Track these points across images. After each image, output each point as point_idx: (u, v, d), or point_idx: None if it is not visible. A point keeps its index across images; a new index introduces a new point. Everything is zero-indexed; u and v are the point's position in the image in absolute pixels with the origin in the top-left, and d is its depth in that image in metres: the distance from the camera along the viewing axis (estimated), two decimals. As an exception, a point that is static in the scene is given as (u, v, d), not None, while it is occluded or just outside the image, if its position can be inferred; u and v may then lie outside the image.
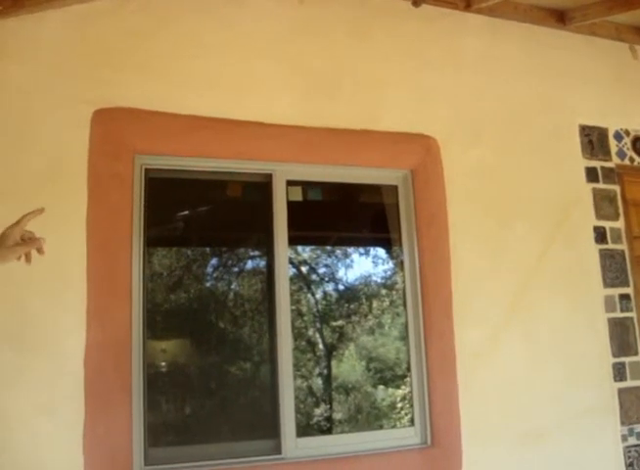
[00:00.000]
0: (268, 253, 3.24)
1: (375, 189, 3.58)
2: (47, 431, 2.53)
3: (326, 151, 3.21)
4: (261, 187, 3.21)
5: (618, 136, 3.97)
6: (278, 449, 2.95)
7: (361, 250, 5.43)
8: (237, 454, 2.88)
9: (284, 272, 3.13)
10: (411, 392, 3.28)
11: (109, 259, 2.76)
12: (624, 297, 3.72)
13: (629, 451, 3.52)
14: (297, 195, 3.38)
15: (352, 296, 5.66)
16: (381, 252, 5.29)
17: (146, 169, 2.99)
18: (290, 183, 3.23)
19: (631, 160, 3.98)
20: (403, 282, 3.40)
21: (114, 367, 2.68)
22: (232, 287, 4.72)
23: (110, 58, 2.92)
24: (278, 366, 3.05)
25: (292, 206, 3.20)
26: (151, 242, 3.10)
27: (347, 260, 5.58)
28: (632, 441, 3.54)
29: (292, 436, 2.97)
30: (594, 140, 3.88)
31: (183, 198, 3.54)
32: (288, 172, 3.21)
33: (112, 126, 2.84)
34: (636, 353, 3.68)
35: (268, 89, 3.16)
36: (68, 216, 2.70)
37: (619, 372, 3.60)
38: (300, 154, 3.18)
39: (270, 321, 3.25)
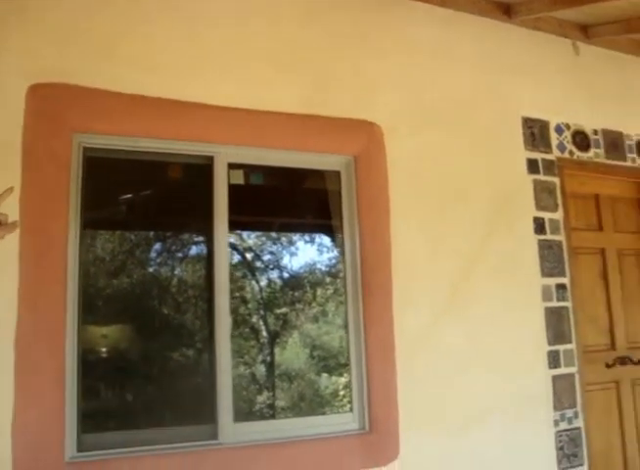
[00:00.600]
0: (209, 237, 3.19)
1: (318, 175, 3.56)
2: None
3: (269, 135, 3.18)
4: (203, 169, 3.15)
5: (559, 129, 4.04)
6: (215, 435, 2.92)
7: (306, 237, 5.41)
8: (174, 439, 2.84)
9: (224, 257, 3.10)
10: (350, 379, 3.29)
11: (43, 241, 2.67)
12: (561, 286, 3.81)
13: (560, 435, 3.62)
14: (238, 178, 3.34)
15: (297, 283, 5.65)
16: (325, 239, 5.28)
17: (84, 148, 2.90)
18: (232, 166, 3.18)
19: (571, 153, 4.06)
20: (344, 269, 3.39)
21: (47, 352, 2.60)
22: (175, 272, 4.66)
23: (49, 31, 2.81)
24: (216, 351, 3.03)
25: (233, 189, 3.16)
26: (89, 224, 3.02)
27: (292, 248, 5.56)
28: (563, 425, 3.65)
29: (229, 421, 2.95)
30: (536, 132, 3.94)
31: (123, 179, 3.45)
32: (230, 155, 3.16)
33: (48, 102, 2.74)
34: (570, 342, 3.77)
35: (213, 71, 3.11)
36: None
37: (554, 359, 3.69)
38: (243, 137, 3.14)
39: (210, 307, 3.20)
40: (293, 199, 4.06)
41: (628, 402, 4.10)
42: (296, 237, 5.51)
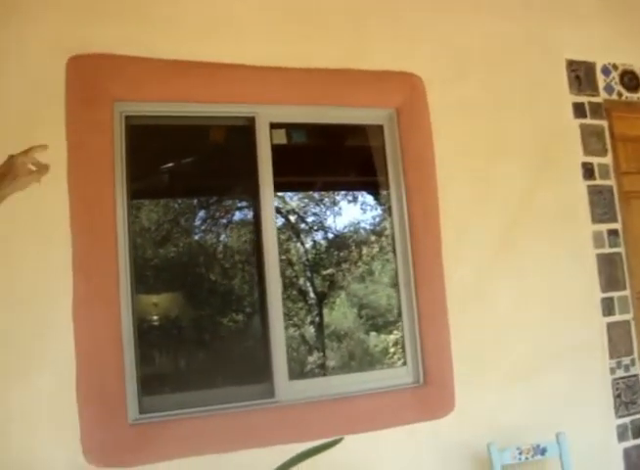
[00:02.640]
0: (254, 200, 3.20)
1: (360, 130, 3.53)
2: (39, 384, 2.52)
3: (309, 91, 3.14)
4: (244, 131, 3.14)
5: (606, 71, 3.90)
6: (271, 393, 2.96)
7: (349, 197, 5.41)
8: (230, 399, 2.89)
9: (271, 220, 3.09)
10: (403, 335, 3.29)
11: (92, 211, 2.71)
12: (613, 232, 3.72)
13: (617, 383, 3.58)
14: (281, 138, 3.34)
15: (342, 243, 5.67)
16: (368, 198, 5.28)
17: (126, 117, 2.92)
18: (273, 126, 3.16)
19: (619, 94, 3.92)
20: (392, 227, 3.37)
21: (104, 320, 2.66)
22: (221, 239, 4.72)
23: (84, 3, 2.81)
24: (268, 315, 3.04)
25: (277, 150, 3.14)
26: (135, 194, 3.06)
27: (336, 208, 5.58)
28: (620, 373, 3.60)
29: (284, 379, 2.98)
30: (581, 75, 3.81)
31: (166, 145, 3.49)
32: (271, 115, 3.13)
33: (88, 73, 2.75)
34: (624, 288, 3.70)
35: (248, 31, 3.07)
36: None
37: (608, 307, 3.62)
38: (283, 95, 3.11)
39: (259, 271, 3.22)
40: (337, 156, 4.05)
41: (686, 348, 4.02)
42: (339, 197, 5.52)
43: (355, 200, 5.43)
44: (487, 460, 2.99)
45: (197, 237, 4.74)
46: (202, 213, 4.72)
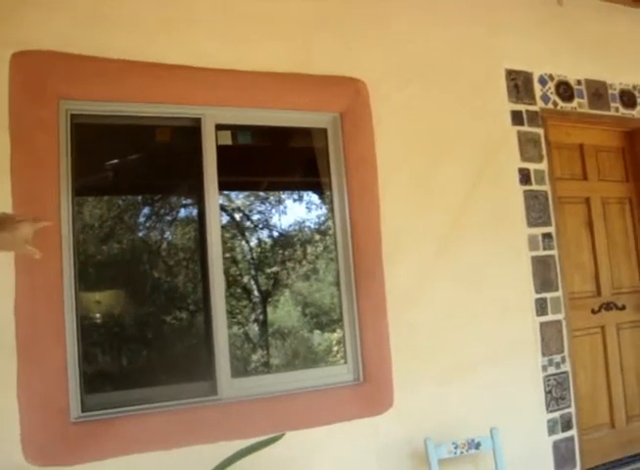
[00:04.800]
0: (199, 198, 3.22)
1: (305, 133, 3.57)
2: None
3: (255, 94, 3.18)
4: (191, 132, 3.16)
5: (543, 81, 4.06)
6: (214, 390, 3.00)
7: (294, 196, 5.44)
8: (174, 397, 2.91)
9: (215, 218, 3.12)
10: (343, 332, 3.36)
11: (36, 209, 2.67)
12: (547, 236, 3.88)
13: (549, 380, 3.74)
14: (226, 139, 3.36)
15: (286, 242, 5.70)
16: (314, 197, 5.31)
17: (72, 115, 2.91)
18: (219, 127, 3.19)
19: (554, 104, 4.08)
20: (334, 227, 3.44)
21: (46, 317, 2.65)
22: (165, 236, 4.69)
23: (30, -1, 2.78)
24: (212, 311, 3.07)
25: (222, 150, 3.17)
26: (80, 191, 3.04)
27: (281, 207, 5.59)
28: (551, 370, 3.76)
29: (227, 376, 3.02)
30: (520, 84, 3.96)
31: (111, 145, 3.46)
32: (217, 116, 3.16)
33: (33, 70, 2.73)
34: (557, 289, 3.86)
35: (198, 32, 3.09)
36: (-8, 165, 2.62)
37: (542, 307, 3.78)
38: (230, 97, 3.14)
39: (203, 269, 3.24)
40: (281, 158, 4.08)
41: (613, 347, 4.22)
42: (284, 195, 5.54)
43: (301, 199, 5.47)
44: (425, 455, 3.09)
45: (141, 234, 4.70)
46: (146, 210, 4.68)
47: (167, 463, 2.75)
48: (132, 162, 3.71)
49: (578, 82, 4.19)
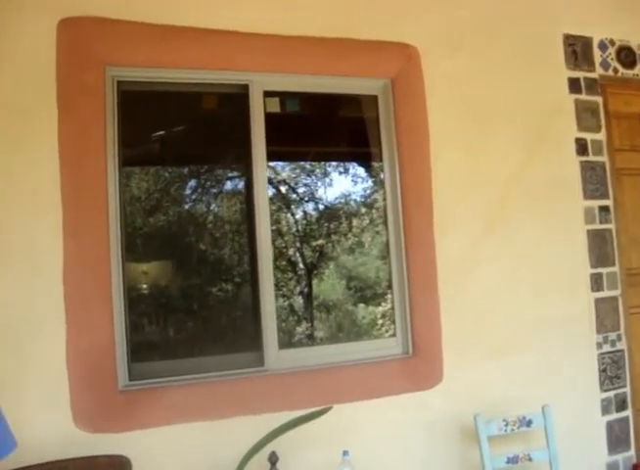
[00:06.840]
0: (247, 169, 3.17)
1: (355, 101, 3.49)
2: (29, 350, 2.52)
3: (304, 60, 3.10)
4: (238, 99, 3.10)
5: (603, 46, 3.88)
6: (261, 361, 2.98)
7: (340, 168, 5.39)
8: (220, 367, 2.90)
9: (263, 188, 3.07)
10: (392, 306, 3.30)
11: (83, 177, 2.68)
12: (604, 209, 3.73)
13: (603, 358, 3.62)
14: (274, 106, 3.29)
15: (332, 215, 5.66)
16: (360, 170, 5.25)
17: (118, 82, 2.88)
18: (267, 94, 3.12)
19: (615, 70, 3.90)
20: (384, 199, 3.36)
21: (94, 286, 2.64)
22: (211, 208, 4.69)
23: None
24: (259, 284, 3.04)
25: (269, 118, 3.11)
26: (127, 161, 3.02)
27: (327, 179, 5.55)
28: (606, 348, 3.64)
29: (274, 348, 2.99)
30: (578, 50, 3.79)
31: (158, 112, 3.44)
32: (265, 83, 3.10)
33: (79, 36, 2.70)
34: (613, 264, 3.72)
35: (243, -3, 3.03)
36: (40, 132, 2.61)
37: (597, 282, 3.65)
38: (278, 63, 3.07)
39: (250, 242, 3.21)
40: (330, 127, 4.02)
41: (672, 323, 4.07)
42: (330, 168, 5.49)
43: (347, 171, 5.41)
44: (474, 431, 3.02)
45: (187, 206, 4.71)
46: (192, 182, 4.69)
47: (212, 434, 2.75)
48: (178, 131, 3.68)
49: (642, 47, 3.99)
